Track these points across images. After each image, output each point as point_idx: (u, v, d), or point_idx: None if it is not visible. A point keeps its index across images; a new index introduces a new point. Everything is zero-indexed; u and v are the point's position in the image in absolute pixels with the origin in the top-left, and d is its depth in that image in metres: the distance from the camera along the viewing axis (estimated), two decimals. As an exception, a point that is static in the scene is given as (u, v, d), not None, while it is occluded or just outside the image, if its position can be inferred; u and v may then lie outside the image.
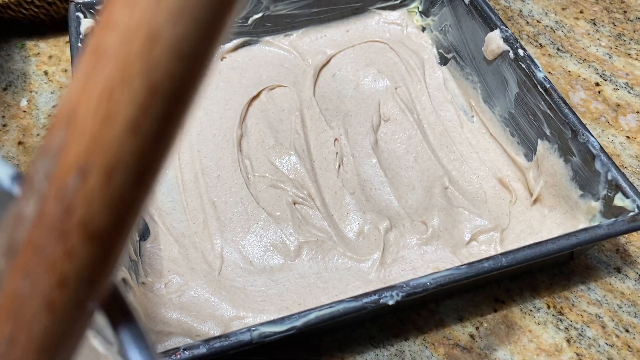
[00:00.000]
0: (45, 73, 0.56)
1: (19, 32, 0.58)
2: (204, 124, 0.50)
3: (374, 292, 0.32)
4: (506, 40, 0.45)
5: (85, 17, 0.48)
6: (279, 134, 0.49)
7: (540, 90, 0.43)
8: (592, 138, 0.39)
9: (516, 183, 0.46)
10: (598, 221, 0.39)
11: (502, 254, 0.34)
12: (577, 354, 0.39)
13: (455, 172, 0.47)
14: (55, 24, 0.59)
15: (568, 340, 0.39)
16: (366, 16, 0.58)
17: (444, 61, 0.55)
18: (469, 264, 0.33)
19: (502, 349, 0.39)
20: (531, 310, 0.40)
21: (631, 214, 0.36)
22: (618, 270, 0.42)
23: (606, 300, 0.41)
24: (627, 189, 0.37)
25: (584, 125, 0.40)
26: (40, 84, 0.55)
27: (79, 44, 0.46)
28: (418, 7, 0.58)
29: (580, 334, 0.39)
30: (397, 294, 0.32)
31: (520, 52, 0.44)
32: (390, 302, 0.32)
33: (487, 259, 0.34)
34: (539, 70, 0.43)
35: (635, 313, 0.40)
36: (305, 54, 0.56)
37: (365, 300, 0.32)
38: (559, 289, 0.41)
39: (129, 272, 0.38)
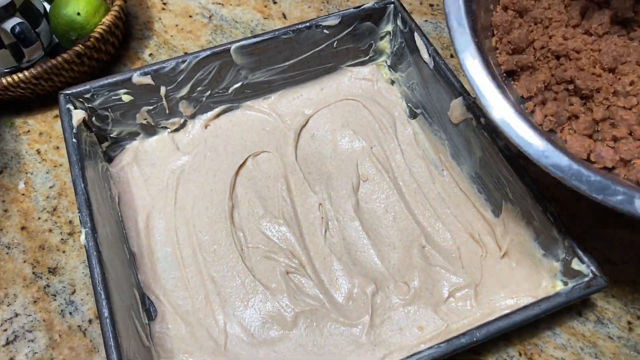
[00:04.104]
0: (38, 152, 0.58)
1: (4, 110, 0.61)
2: (196, 197, 0.53)
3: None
4: (469, 107, 0.50)
5: (75, 107, 0.51)
6: (267, 202, 0.53)
7: (502, 157, 0.47)
8: (550, 207, 0.44)
9: (486, 236, 0.51)
10: (559, 278, 0.44)
11: (477, 328, 0.39)
12: (547, 396, 0.44)
13: (431, 228, 0.52)
14: (40, 99, 0.61)
15: (539, 383, 0.45)
16: (339, 74, 0.61)
17: (413, 115, 0.59)
18: (447, 340, 0.38)
19: (481, 397, 0.44)
20: (505, 359, 0.45)
21: (586, 279, 0.41)
22: (579, 314, 0.48)
23: (570, 343, 0.46)
24: (582, 256, 0.42)
25: (543, 195, 0.44)
26: (34, 164, 0.57)
27: (74, 139, 0.48)
28: (386, 61, 0.62)
29: (549, 377, 0.45)
30: (388, 375, 0.37)
31: (482, 120, 0.49)
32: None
33: (464, 334, 0.39)
34: (499, 138, 0.47)
35: (595, 354, 0.46)
36: (285, 116, 0.59)
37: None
38: (529, 336, 0.46)
39: (144, 360, 0.42)
